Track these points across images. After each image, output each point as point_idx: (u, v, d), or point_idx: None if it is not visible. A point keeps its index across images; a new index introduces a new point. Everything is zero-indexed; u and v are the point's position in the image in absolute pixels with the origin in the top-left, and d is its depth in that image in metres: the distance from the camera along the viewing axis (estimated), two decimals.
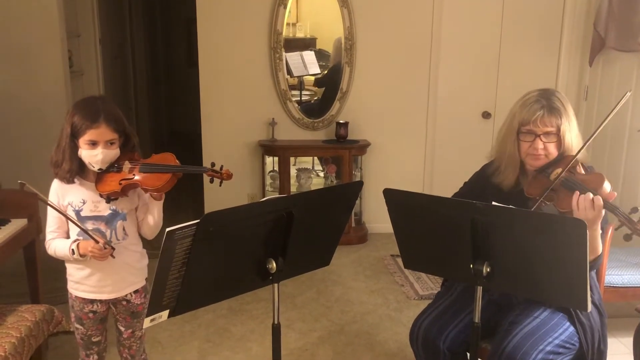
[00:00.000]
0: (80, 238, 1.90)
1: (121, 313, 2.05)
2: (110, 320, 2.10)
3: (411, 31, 4.56)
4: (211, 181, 1.92)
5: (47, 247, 1.96)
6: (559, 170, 1.90)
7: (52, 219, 1.96)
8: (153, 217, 1.97)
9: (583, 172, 1.93)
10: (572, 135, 1.97)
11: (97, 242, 1.83)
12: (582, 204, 1.78)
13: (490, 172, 2.14)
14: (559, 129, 1.95)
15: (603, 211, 1.77)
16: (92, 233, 1.85)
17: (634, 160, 3.89)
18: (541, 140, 1.95)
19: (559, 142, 1.97)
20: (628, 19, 3.80)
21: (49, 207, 1.91)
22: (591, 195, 1.76)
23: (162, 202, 1.97)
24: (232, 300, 3.26)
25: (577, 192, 1.80)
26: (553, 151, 1.98)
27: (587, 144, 1.92)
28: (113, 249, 1.87)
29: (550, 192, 1.90)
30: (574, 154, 1.92)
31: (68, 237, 1.95)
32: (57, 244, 1.94)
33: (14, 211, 2.58)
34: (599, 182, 1.83)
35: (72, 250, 1.88)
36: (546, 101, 1.96)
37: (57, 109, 3.94)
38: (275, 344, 1.73)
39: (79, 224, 1.86)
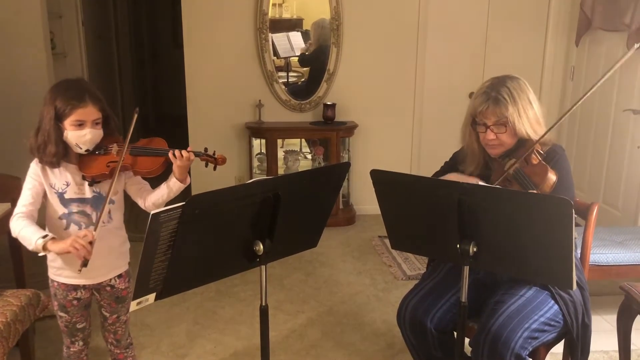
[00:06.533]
0: (50, 235, 1.76)
1: (105, 299, 2.04)
2: (94, 306, 2.08)
3: (398, 11, 4.52)
4: (206, 165, 1.97)
5: (11, 221, 1.81)
6: (513, 161, 1.96)
7: (27, 192, 1.85)
8: (169, 196, 1.95)
9: (539, 159, 1.95)
10: (526, 124, 1.98)
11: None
12: None
13: (459, 160, 2.19)
14: (507, 120, 1.97)
15: None
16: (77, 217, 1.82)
17: (619, 139, 3.92)
18: (492, 130, 2.00)
19: (511, 131, 1.99)
20: None
21: (25, 182, 1.86)
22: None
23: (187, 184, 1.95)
24: (220, 282, 3.26)
25: None
26: (507, 140, 2.01)
27: (543, 136, 1.95)
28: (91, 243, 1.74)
29: (505, 182, 1.95)
30: (537, 139, 1.95)
31: (36, 218, 1.84)
32: (25, 229, 1.77)
33: None
34: (543, 175, 1.89)
35: (40, 245, 1.73)
36: (494, 92, 1.98)
37: (40, 92, 3.78)
38: (263, 326, 1.73)
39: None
